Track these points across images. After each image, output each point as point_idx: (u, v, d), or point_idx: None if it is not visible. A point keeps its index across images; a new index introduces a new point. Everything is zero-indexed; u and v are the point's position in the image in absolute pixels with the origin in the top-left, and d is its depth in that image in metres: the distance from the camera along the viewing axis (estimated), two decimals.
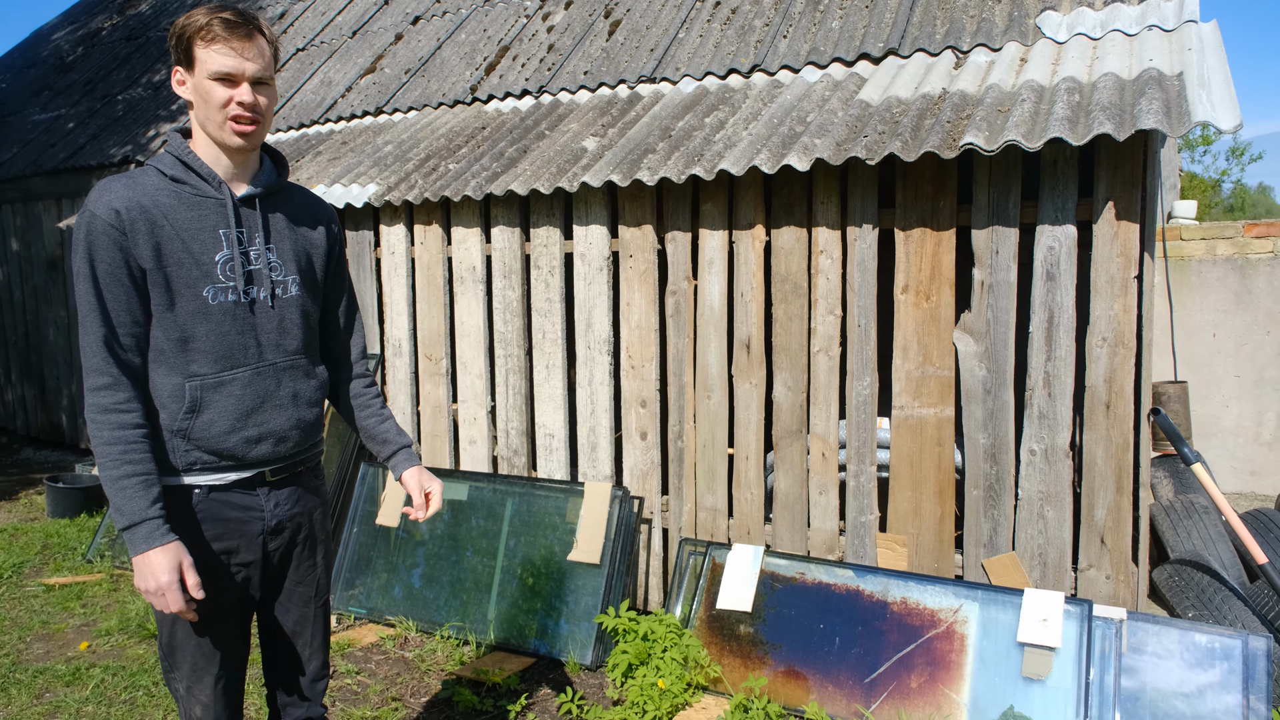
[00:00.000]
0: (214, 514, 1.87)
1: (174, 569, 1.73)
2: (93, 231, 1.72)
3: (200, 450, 1.83)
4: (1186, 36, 3.36)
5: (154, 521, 1.73)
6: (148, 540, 1.72)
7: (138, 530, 1.72)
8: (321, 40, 7.26)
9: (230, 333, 1.84)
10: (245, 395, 1.86)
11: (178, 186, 1.81)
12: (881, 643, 3.17)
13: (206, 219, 1.82)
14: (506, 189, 4.03)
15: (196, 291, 1.80)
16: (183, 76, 1.79)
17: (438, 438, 4.58)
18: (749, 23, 4.79)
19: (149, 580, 1.72)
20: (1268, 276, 5.74)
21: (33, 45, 11.21)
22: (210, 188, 1.84)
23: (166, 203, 1.78)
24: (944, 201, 3.31)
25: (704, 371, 3.83)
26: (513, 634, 3.79)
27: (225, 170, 1.86)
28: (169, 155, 1.83)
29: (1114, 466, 3.11)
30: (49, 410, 7.85)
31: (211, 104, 1.76)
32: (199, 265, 1.80)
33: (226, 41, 1.73)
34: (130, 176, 1.79)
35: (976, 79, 3.57)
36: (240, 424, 1.86)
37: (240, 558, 1.92)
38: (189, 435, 1.82)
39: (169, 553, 1.73)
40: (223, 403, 1.84)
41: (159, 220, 1.77)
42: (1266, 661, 2.76)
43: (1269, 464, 5.81)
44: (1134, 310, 3.06)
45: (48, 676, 3.55)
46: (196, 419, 1.82)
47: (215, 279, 1.82)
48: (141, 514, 1.72)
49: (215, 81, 1.75)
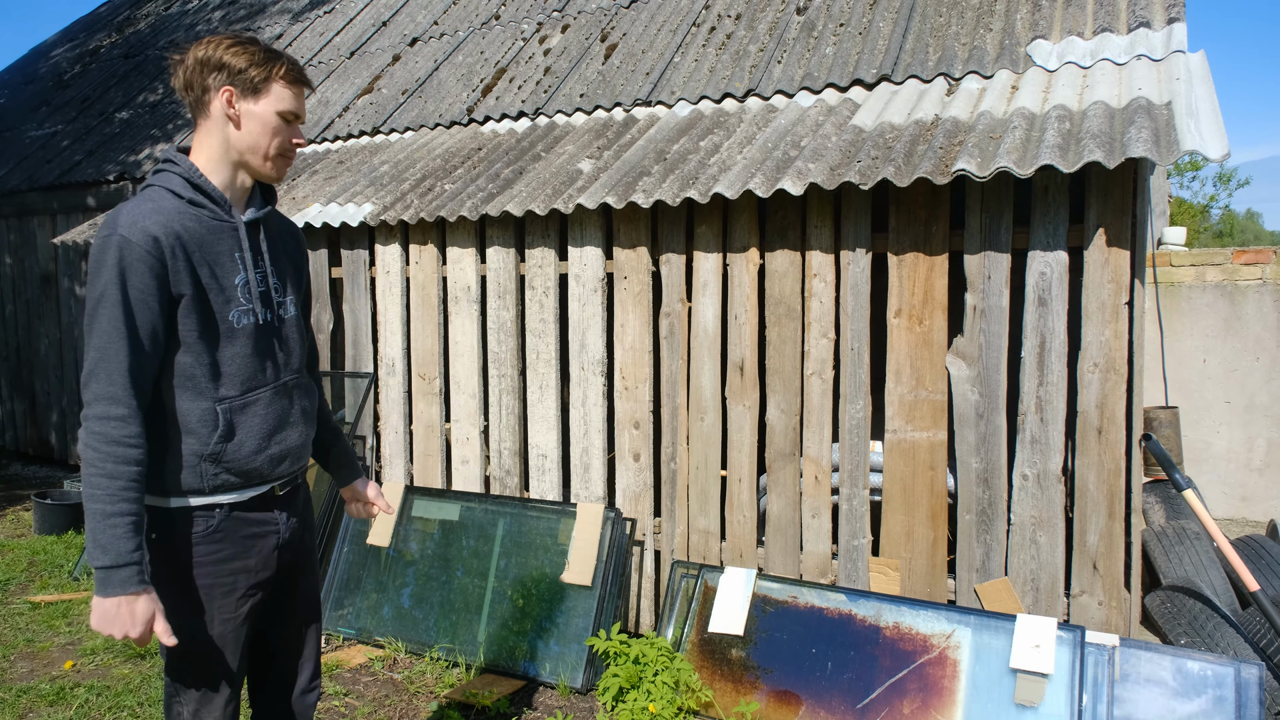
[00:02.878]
0: (236, 531, 1.87)
1: (147, 620, 1.69)
2: (127, 256, 1.68)
3: (229, 472, 1.83)
4: (1175, 66, 3.41)
5: (136, 568, 1.68)
6: (124, 585, 1.66)
7: (119, 573, 1.66)
8: (319, 60, 7.30)
9: (251, 355, 1.86)
10: (268, 415, 1.89)
11: (196, 210, 1.81)
12: (874, 668, 3.16)
13: (224, 242, 1.83)
14: (502, 210, 4.04)
15: (224, 315, 1.82)
16: (239, 103, 1.80)
17: (430, 457, 4.57)
18: (744, 48, 4.84)
19: (124, 625, 1.67)
20: (1257, 303, 5.79)
21: (31, 62, 11.24)
22: (223, 212, 1.85)
23: (192, 227, 1.78)
24: (937, 226, 3.33)
25: (697, 393, 3.84)
26: (503, 656, 3.76)
27: (232, 195, 1.88)
28: (178, 177, 1.81)
29: (1106, 492, 3.12)
30: (39, 426, 7.80)
31: (270, 136, 1.84)
32: (224, 290, 1.81)
33: (300, 86, 1.88)
34: (151, 201, 1.76)
35: (968, 106, 3.61)
36: (265, 444, 1.88)
37: (261, 574, 1.92)
38: (220, 459, 1.81)
39: (142, 602, 1.69)
40: (250, 423, 1.86)
41: (191, 246, 1.76)
42: (1259, 690, 2.75)
43: (1260, 490, 5.82)
44: (1125, 336, 3.07)
45: (31, 696, 3.51)
46: (229, 443, 1.82)
47: (238, 302, 1.84)
48: (126, 557, 1.67)
49: (281, 118, 1.84)
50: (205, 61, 1.79)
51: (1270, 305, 5.75)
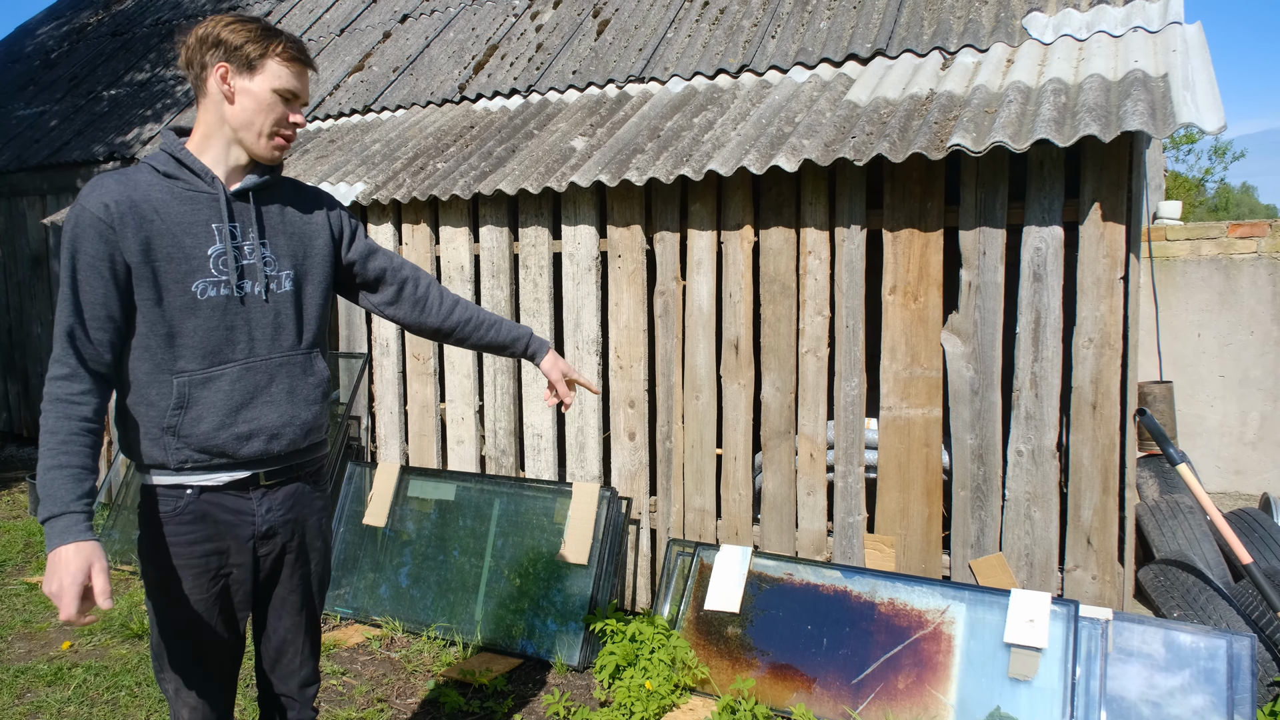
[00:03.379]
0: (204, 514, 1.85)
1: (82, 570, 1.58)
2: (79, 224, 1.72)
3: (190, 448, 1.81)
4: (1171, 38, 3.37)
5: (75, 516, 1.61)
6: (62, 535, 1.59)
7: (57, 522, 1.60)
8: (309, 38, 7.21)
9: (219, 328, 1.82)
10: (234, 391, 1.84)
11: (170, 182, 1.81)
12: (869, 644, 3.18)
13: (199, 213, 1.81)
14: (495, 188, 4.01)
15: (185, 286, 1.78)
16: (233, 79, 1.79)
17: (425, 437, 4.56)
18: (737, 23, 4.79)
19: (52, 581, 1.58)
20: (1251, 276, 5.78)
21: (17, 41, 11.10)
22: (203, 183, 1.83)
23: (158, 197, 1.78)
24: (931, 202, 3.31)
25: (692, 372, 3.83)
26: (500, 634, 3.77)
27: (225, 172, 1.86)
28: (163, 153, 1.84)
29: (1100, 467, 3.13)
30: (32, 407, 7.77)
31: (266, 115, 1.82)
32: (189, 260, 1.79)
33: (300, 64, 1.85)
34: (123, 173, 1.79)
35: (963, 80, 3.58)
36: (229, 420, 1.83)
37: (231, 559, 1.90)
38: (178, 432, 1.80)
39: (81, 551, 1.59)
40: (210, 398, 1.81)
41: (149, 215, 1.76)
42: (1250, 661, 2.77)
43: (1253, 463, 5.85)
44: (1120, 311, 3.07)
45: (29, 676, 3.52)
46: (185, 415, 1.80)
47: (207, 273, 1.80)
48: (64, 506, 1.61)
49: (278, 96, 1.82)
50: (204, 39, 1.79)
51: (1265, 279, 5.74)
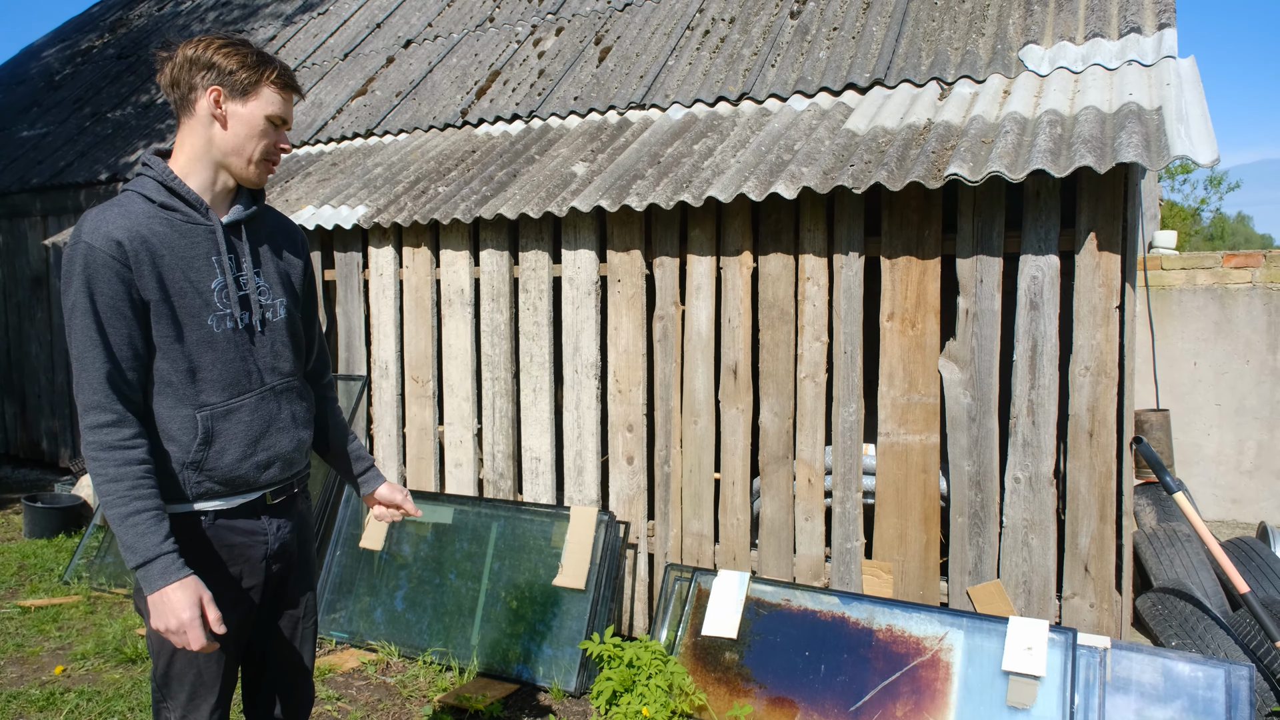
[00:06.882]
0: (220, 539, 1.85)
1: (194, 605, 1.68)
2: (91, 263, 1.67)
3: (212, 480, 1.81)
4: (1165, 72, 3.43)
5: (169, 557, 1.68)
6: (163, 576, 1.67)
7: (152, 567, 1.67)
8: (313, 62, 7.29)
9: (234, 360, 1.83)
10: (253, 421, 1.85)
11: (168, 214, 1.78)
12: (867, 670, 3.16)
13: (198, 246, 1.80)
14: (496, 212, 4.04)
15: (201, 321, 1.78)
16: (226, 102, 1.78)
17: (423, 460, 4.56)
18: (738, 51, 4.85)
19: (169, 618, 1.66)
20: (1247, 306, 5.82)
21: (22, 62, 11.19)
22: (199, 214, 1.81)
23: (162, 231, 1.75)
24: (929, 230, 3.34)
25: (691, 397, 3.84)
26: (496, 659, 3.75)
27: (212, 197, 1.84)
28: (152, 181, 1.79)
29: (1097, 494, 3.13)
30: (29, 428, 7.76)
31: (258, 141, 1.82)
32: (200, 294, 1.78)
33: (290, 91, 1.86)
34: (119, 205, 1.75)
35: (961, 110, 3.62)
36: (250, 451, 1.85)
37: (245, 583, 1.90)
38: (202, 466, 1.79)
39: (187, 588, 1.68)
40: (233, 430, 1.82)
41: (159, 250, 1.74)
42: (1249, 691, 2.77)
43: (1250, 492, 5.85)
44: (1116, 339, 3.09)
45: (21, 701, 3.49)
46: (209, 449, 1.80)
47: (215, 307, 1.80)
48: (155, 550, 1.67)
49: (269, 122, 1.83)
50: (195, 60, 1.76)
51: (1260, 308, 5.78)
